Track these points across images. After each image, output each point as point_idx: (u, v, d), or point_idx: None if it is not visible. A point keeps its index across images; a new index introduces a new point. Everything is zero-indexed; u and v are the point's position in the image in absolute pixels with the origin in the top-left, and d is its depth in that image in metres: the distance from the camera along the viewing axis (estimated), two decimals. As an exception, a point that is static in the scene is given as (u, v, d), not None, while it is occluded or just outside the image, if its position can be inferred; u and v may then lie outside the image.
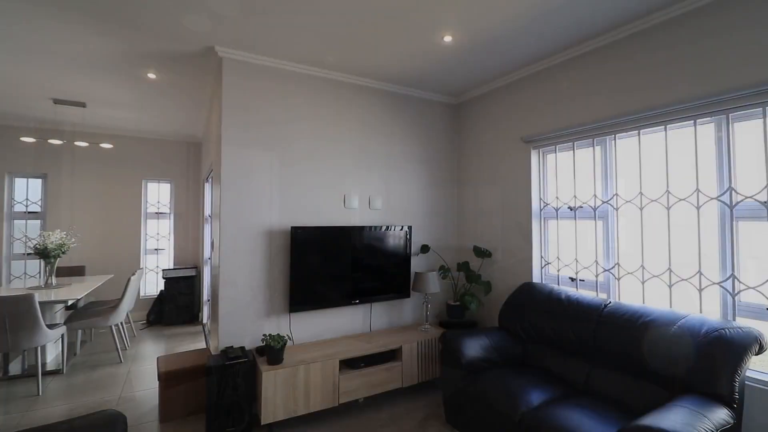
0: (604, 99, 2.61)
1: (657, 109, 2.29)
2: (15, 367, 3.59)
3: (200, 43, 2.76)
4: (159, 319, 5.28)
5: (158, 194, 5.84)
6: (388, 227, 3.30)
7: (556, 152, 3.03)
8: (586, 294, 2.56)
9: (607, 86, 2.59)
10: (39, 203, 5.14)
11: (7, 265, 4.96)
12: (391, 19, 2.40)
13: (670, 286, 2.30)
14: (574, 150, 2.88)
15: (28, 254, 5.02)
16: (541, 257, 3.11)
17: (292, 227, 2.87)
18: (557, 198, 3.00)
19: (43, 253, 3.81)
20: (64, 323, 3.66)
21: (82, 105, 4.20)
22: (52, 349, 3.89)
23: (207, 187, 4.99)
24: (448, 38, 2.65)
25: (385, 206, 3.47)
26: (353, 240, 3.13)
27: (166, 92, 3.80)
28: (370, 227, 3.22)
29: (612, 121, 2.53)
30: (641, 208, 2.45)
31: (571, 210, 2.90)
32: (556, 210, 3.01)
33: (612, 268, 2.62)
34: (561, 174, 3.02)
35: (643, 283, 2.43)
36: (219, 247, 2.84)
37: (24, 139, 4.02)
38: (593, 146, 2.75)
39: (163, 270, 5.27)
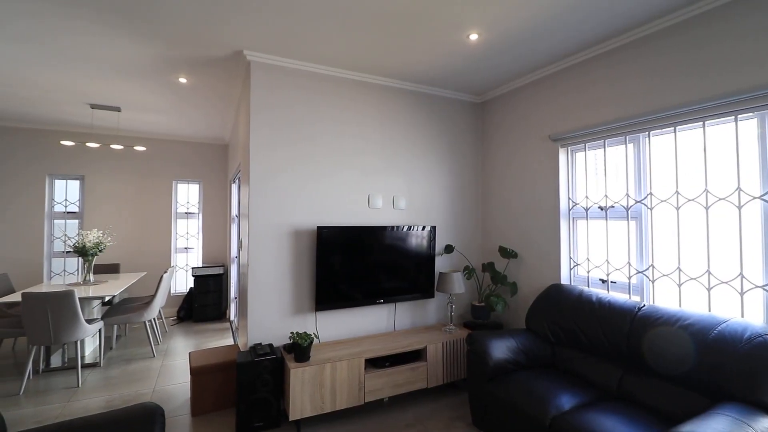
0: (637, 95, 2.53)
1: (694, 104, 2.20)
2: (56, 360, 3.78)
3: (229, 48, 2.83)
4: (189, 315, 5.46)
5: (188, 194, 6.03)
6: (411, 227, 3.30)
7: (585, 150, 2.96)
8: (618, 296, 2.49)
9: (641, 82, 2.51)
10: (77, 204, 5.40)
11: (48, 262, 5.23)
12: (417, 19, 2.40)
13: (708, 290, 2.20)
14: (605, 148, 2.80)
15: (68, 252, 5.30)
16: (570, 258, 3.04)
17: (318, 227, 2.91)
18: (587, 197, 2.93)
19: (81, 251, 4.00)
20: (102, 318, 3.83)
21: (118, 110, 4.38)
22: (90, 343, 4.08)
23: (234, 187, 5.12)
24: (473, 36, 2.62)
25: (409, 206, 3.47)
26: (377, 240, 3.15)
27: (196, 96, 3.91)
28: (394, 227, 3.22)
29: (646, 117, 2.44)
30: (678, 208, 2.36)
31: (602, 210, 2.82)
32: (586, 210, 2.93)
33: (646, 270, 2.53)
34: (591, 173, 2.94)
35: (679, 285, 2.34)
36: (248, 247, 2.90)
37: (64, 142, 4.23)
38: (625, 144, 2.67)
39: (192, 268, 5.44)
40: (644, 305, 2.29)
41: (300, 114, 3.04)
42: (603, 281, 2.80)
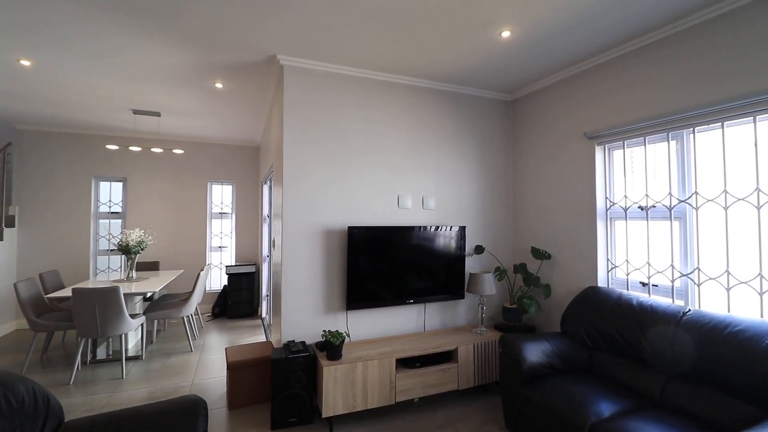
0: (681, 89, 2.41)
1: (744, 98, 2.08)
2: (101, 352, 4.00)
3: (264, 53, 2.91)
4: (223, 312, 5.65)
5: (221, 195, 6.25)
6: (441, 227, 3.28)
7: (624, 148, 2.85)
8: (660, 300, 2.38)
9: (684, 75, 2.39)
10: (120, 204, 5.70)
11: (94, 260, 5.55)
12: (448, 18, 2.39)
13: (761, 294, 2.08)
14: (645, 145, 2.69)
15: (112, 250, 5.60)
16: (608, 260, 2.94)
17: (348, 227, 2.95)
18: (626, 197, 2.82)
19: (125, 249, 4.22)
20: (143, 313, 4.03)
21: (157, 114, 4.59)
22: (133, 336, 4.30)
23: (265, 188, 5.26)
24: (506, 33, 2.58)
25: (439, 206, 3.45)
26: (407, 240, 3.15)
27: (231, 100, 4.05)
28: (424, 227, 3.22)
29: (690, 113, 2.33)
30: (726, 208, 2.24)
31: (642, 210, 2.71)
32: (625, 210, 2.82)
33: (691, 273, 2.41)
34: (630, 171, 2.83)
35: (728, 289, 2.21)
36: (281, 246, 2.98)
37: (109, 146, 4.47)
38: (668, 141, 2.55)
39: (226, 266, 5.63)
40: (689, 310, 2.18)
41: (331, 116, 3.09)
42: (643, 284, 2.69)
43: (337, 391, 2.50)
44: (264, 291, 5.45)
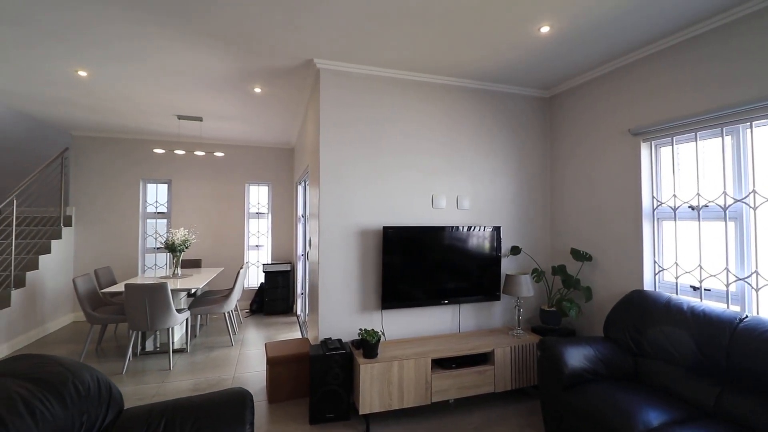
0: (736, 81, 2.26)
1: (814, 89, 1.93)
2: (149, 345, 4.25)
3: (301, 58, 2.99)
4: (260, 308, 5.85)
5: (258, 196, 6.46)
6: (475, 227, 3.24)
7: (672, 144, 2.71)
8: (713, 305, 2.25)
9: (740, 67, 2.24)
10: (165, 205, 6.02)
11: (142, 257, 5.89)
12: (485, 15, 2.36)
13: (832, 301, 1.92)
14: (696, 141, 2.55)
15: (158, 248, 5.92)
16: (654, 262, 2.80)
17: (383, 227, 2.98)
18: (674, 196, 2.68)
19: (171, 247, 4.46)
20: (188, 308, 4.24)
21: (200, 119, 4.81)
22: (178, 330, 4.53)
23: (299, 189, 5.39)
24: (545, 29, 2.52)
25: (473, 206, 3.42)
26: (442, 240, 3.14)
27: (268, 104, 4.18)
28: (458, 227, 3.19)
29: (747, 106, 2.18)
30: (790, 208, 2.08)
31: (693, 210, 2.56)
32: (674, 209, 2.68)
33: (748, 276, 2.26)
34: (679, 169, 2.69)
35: (792, 295, 2.06)
36: (318, 246, 3.05)
37: (156, 150, 4.73)
38: (722, 136, 2.40)
39: (263, 264, 5.82)
40: (746, 316, 2.05)
41: (366, 117, 3.12)
42: (694, 288, 2.55)
43: (373, 389, 2.54)
44: (299, 289, 5.59)
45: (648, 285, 2.79)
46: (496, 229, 3.30)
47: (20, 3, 2.27)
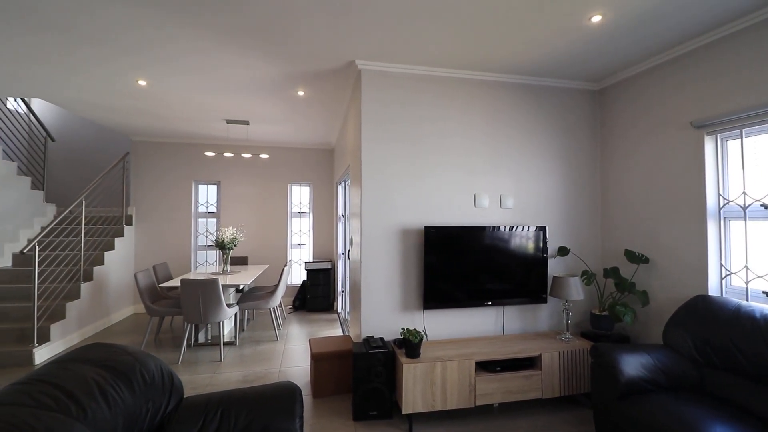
0: (825, 66, 2.03)
1: None
2: (201, 337, 4.49)
3: (343, 60, 3.04)
4: (302, 305, 6.02)
5: (300, 196, 6.65)
6: (519, 227, 3.15)
7: (741, 137, 2.48)
8: (794, 314, 2.04)
9: (831, 49, 2.01)
10: (215, 205, 6.34)
11: (194, 254, 6.24)
12: (533, 7, 2.28)
13: None
14: (773, 134, 2.32)
15: (209, 246, 6.25)
16: (721, 266, 2.58)
17: (425, 226, 2.96)
18: (744, 194, 2.45)
19: (221, 245, 4.69)
20: (237, 303, 4.44)
21: (246, 123, 5.02)
22: (227, 324, 4.75)
23: (340, 189, 5.48)
24: (596, 18, 2.39)
25: (518, 205, 3.31)
26: (485, 240, 3.07)
27: (310, 106, 4.28)
28: (502, 227, 3.11)
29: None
30: None
31: (767, 209, 2.34)
32: (743, 208, 2.46)
33: (837, 283, 2.03)
34: (750, 164, 2.46)
35: None
36: (360, 244, 3.09)
37: (207, 153, 5.00)
38: (805, 128, 2.17)
39: (305, 262, 5.98)
40: (836, 328, 1.84)
41: (406, 117, 3.12)
42: (769, 295, 2.32)
43: (416, 388, 2.53)
44: (339, 287, 5.69)
45: (713, 290, 2.58)
46: (542, 229, 3.18)
47: (95, 22, 2.47)
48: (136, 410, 1.48)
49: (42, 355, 3.87)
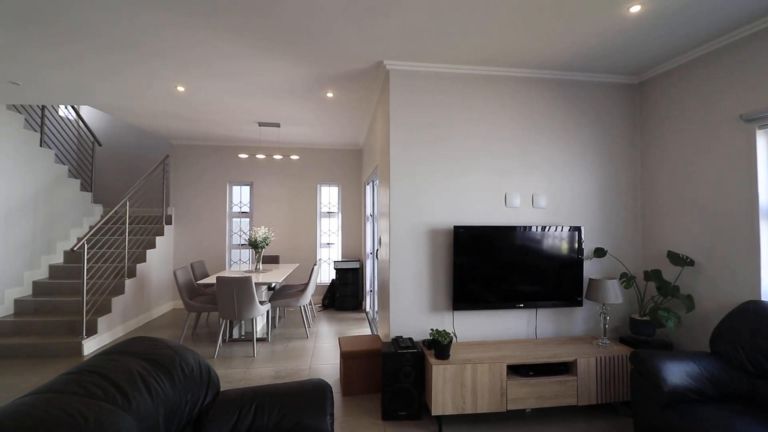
0: None
1: None
2: (235, 333, 4.64)
3: (371, 61, 3.05)
4: (331, 303, 6.11)
5: (329, 196, 6.74)
6: (553, 228, 3.05)
7: (802, 131, 2.29)
8: None
9: None
10: (248, 205, 6.53)
11: (229, 252, 6.46)
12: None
13: None
14: (838, 127, 2.13)
15: (242, 245, 6.45)
16: (777, 269, 2.40)
17: (454, 226, 2.92)
18: (805, 192, 2.27)
19: (253, 244, 4.83)
20: (269, 301, 4.56)
21: (278, 125, 5.14)
22: (260, 321, 4.89)
23: (368, 189, 5.51)
24: (635, 8, 2.28)
25: (551, 205, 3.21)
26: (516, 241, 3.00)
27: (339, 107, 4.33)
28: (534, 227, 3.03)
29: None
30: None
31: (832, 208, 2.15)
32: (804, 208, 2.27)
33: None
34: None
35: None
36: (388, 244, 3.09)
37: (240, 155, 5.16)
38: None
39: (334, 261, 6.06)
40: None
41: (435, 116, 3.10)
42: (834, 302, 2.13)
43: (446, 390, 2.51)
44: (368, 286, 5.73)
45: (766, 295, 2.40)
46: (576, 229, 3.07)
47: (134, 31, 2.60)
48: (176, 402, 1.55)
49: (90, 346, 4.12)
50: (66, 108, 6.15)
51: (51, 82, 3.56)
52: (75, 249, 3.98)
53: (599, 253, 3.18)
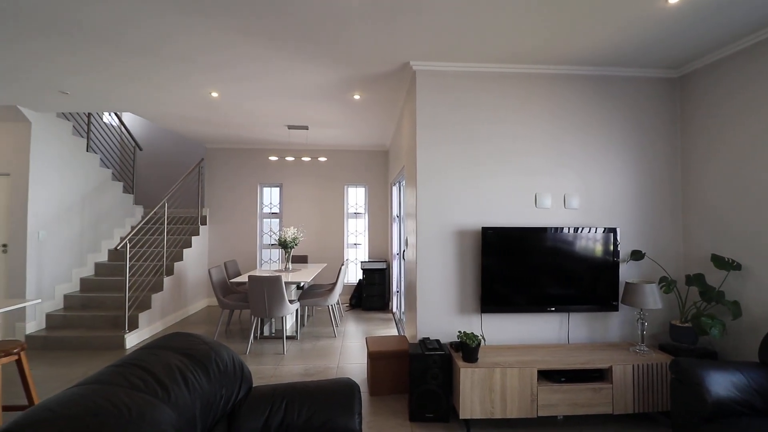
0: None
1: None
2: (266, 331, 4.76)
3: (398, 62, 3.06)
4: (359, 303, 6.17)
5: (356, 197, 6.81)
6: (586, 229, 2.95)
7: None
8: None
9: None
10: (278, 206, 6.70)
11: (259, 252, 6.65)
12: (602, -5, 2.13)
13: None
14: None
15: (272, 245, 6.62)
16: (838, 275, 2.22)
17: (482, 227, 2.88)
18: None
19: (283, 244, 4.94)
20: (298, 300, 4.65)
21: (306, 128, 5.24)
22: (289, 319, 5.00)
23: (394, 190, 5.52)
24: None
25: (584, 205, 3.11)
26: (547, 242, 2.93)
27: (365, 109, 4.37)
28: (566, 229, 2.94)
29: None
30: None
31: None
32: None
33: None
34: None
35: None
36: (415, 245, 3.09)
37: (271, 158, 5.30)
38: None
39: (361, 262, 6.12)
40: None
41: (462, 116, 3.07)
42: None
43: (474, 394, 2.48)
44: (394, 287, 5.74)
45: (828, 303, 2.23)
46: (612, 231, 2.95)
47: (173, 43, 2.73)
48: (211, 396, 1.61)
49: (131, 340, 4.35)
50: (110, 115, 6.52)
51: (96, 90, 3.79)
52: (118, 248, 4.22)
53: (636, 255, 3.05)
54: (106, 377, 1.36)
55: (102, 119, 6.31)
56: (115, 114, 6.28)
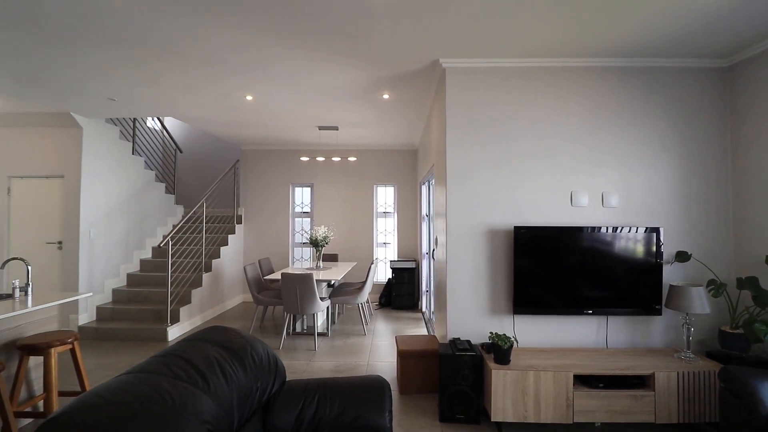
0: None
1: None
2: (298, 327, 4.88)
3: (427, 60, 3.05)
4: (388, 302, 6.19)
5: (385, 196, 6.84)
6: (625, 228, 2.82)
7: None
8: None
9: None
10: (309, 205, 6.84)
11: (291, 250, 6.81)
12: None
13: None
14: None
15: (303, 243, 6.77)
16: None
17: (515, 227, 2.82)
18: None
19: (314, 242, 5.04)
20: (329, 297, 4.73)
21: (336, 128, 5.32)
22: (320, 316, 5.10)
23: (423, 189, 5.49)
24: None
25: (623, 203, 2.97)
26: (583, 242, 2.82)
27: (394, 108, 4.38)
28: (604, 228, 2.82)
29: None
30: None
31: None
32: None
33: None
34: None
35: None
36: (445, 244, 3.06)
37: (302, 158, 5.42)
38: None
39: (390, 261, 6.14)
40: None
41: (492, 113, 3.01)
42: None
43: (506, 396, 2.43)
44: (424, 286, 5.72)
45: None
46: (654, 231, 2.81)
47: (211, 47, 2.85)
48: (247, 388, 1.67)
49: (173, 332, 4.58)
50: (153, 119, 6.89)
51: (141, 97, 4.01)
52: (161, 245, 4.45)
53: (682, 257, 2.88)
54: (151, 366, 1.44)
55: (146, 124, 6.68)
56: (158, 119, 6.63)
